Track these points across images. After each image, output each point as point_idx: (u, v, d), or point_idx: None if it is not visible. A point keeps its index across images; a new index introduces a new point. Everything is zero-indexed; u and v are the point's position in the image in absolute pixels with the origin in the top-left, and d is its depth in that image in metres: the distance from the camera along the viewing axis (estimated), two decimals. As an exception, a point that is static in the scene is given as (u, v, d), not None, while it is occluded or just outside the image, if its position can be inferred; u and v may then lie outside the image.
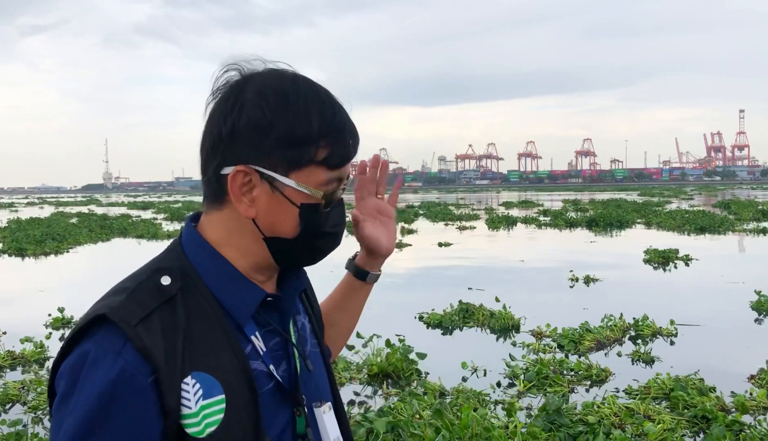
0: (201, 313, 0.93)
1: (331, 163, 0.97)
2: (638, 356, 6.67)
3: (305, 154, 0.95)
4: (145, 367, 0.85)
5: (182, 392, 0.87)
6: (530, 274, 12.52)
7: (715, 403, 5.09)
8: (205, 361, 0.90)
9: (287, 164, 0.95)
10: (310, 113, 0.95)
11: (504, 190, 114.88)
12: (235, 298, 0.97)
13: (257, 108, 0.94)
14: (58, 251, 17.69)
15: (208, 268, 0.97)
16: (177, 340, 0.88)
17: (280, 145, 0.94)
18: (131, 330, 0.85)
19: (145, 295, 0.90)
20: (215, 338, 0.92)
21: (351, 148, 0.99)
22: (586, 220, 23.71)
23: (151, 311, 0.88)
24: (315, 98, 0.97)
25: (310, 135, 0.94)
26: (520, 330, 7.87)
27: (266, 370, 0.97)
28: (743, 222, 22.61)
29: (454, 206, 39.22)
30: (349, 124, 1.00)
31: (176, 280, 0.93)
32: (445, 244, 17.47)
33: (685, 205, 36.21)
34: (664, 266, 12.85)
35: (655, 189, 79.26)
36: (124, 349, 0.85)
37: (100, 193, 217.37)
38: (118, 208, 49.20)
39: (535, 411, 4.99)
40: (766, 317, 8.34)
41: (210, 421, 0.89)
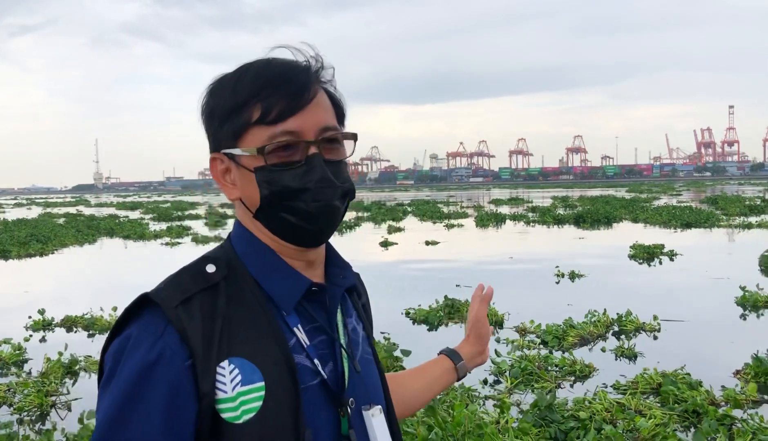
0: (245, 302, 0.94)
1: (267, 118, 0.95)
2: (622, 352, 6.69)
3: (240, 119, 0.96)
4: (183, 351, 0.87)
5: (218, 376, 0.88)
6: (517, 270, 12.54)
7: (705, 398, 5.10)
8: (246, 348, 0.91)
9: (232, 135, 0.97)
10: (240, 82, 0.97)
11: (495, 187, 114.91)
12: (279, 286, 0.98)
13: (204, 102, 1.01)
14: (43, 253, 17.55)
15: (253, 258, 0.99)
16: (215, 324, 0.90)
17: (222, 122, 0.98)
18: (172, 311, 0.88)
19: (188, 279, 0.93)
20: (258, 327, 0.93)
21: (290, 98, 0.95)
22: (573, 217, 23.78)
23: (191, 295, 0.91)
24: (249, 69, 0.98)
25: (240, 101, 0.96)
26: (504, 326, 7.90)
27: (311, 366, 0.96)
28: (730, 217, 22.72)
29: (443, 204, 39.26)
30: (284, 75, 0.97)
31: (221, 269, 0.96)
32: (432, 243, 17.41)
33: (673, 201, 36.37)
34: (649, 262, 12.92)
35: (644, 185, 79.61)
36: (165, 332, 0.88)
37: (90, 193, 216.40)
38: (107, 209, 48.97)
39: (525, 407, 4.99)
40: (751, 312, 8.35)
41: (248, 407, 0.89)
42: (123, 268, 15.13)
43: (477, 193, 77.86)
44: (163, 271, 1.01)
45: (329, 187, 0.97)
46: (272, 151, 0.95)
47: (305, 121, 0.96)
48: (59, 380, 6.18)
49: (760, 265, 11.85)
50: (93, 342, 7.83)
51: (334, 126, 1.01)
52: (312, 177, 0.96)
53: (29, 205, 69.37)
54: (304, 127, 0.96)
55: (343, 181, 1.00)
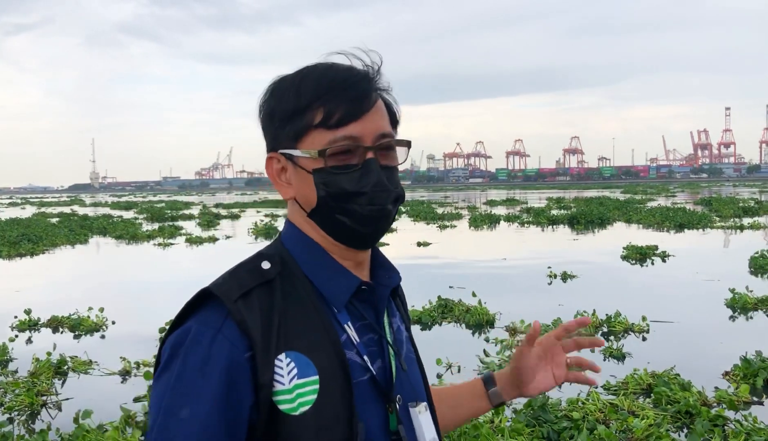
0: (298, 298, 0.98)
1: (330, 122, 0.98)
2: (610, 352, 6.69)
3: (302, 121, 0.99)
4: (242, 343, 0.91)
5: (276, 369, 0.92)
6: (510, 271, 12.54)
7: (697, 398, 5.10)
8: (301, 342, 0.94)
9: (292, 137, 1.00)
10: (302, 86, 0.99)
11: (493, 188, 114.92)
12: (331, 284, 1.01)
13: (265, 102, 1.04)
14: (33, 253, 17.45)
15: (305, 256, 1.03)
16: (273, 318, 0.93)
17: (283, 123, 1.01)
18: (232, 304, 0.92)
19: (245, 275, 0.97)
20: (311, 322, 0.96)
21: (352, 104, 0.99)
22: (567, 218, 23.76)
23: (250, 289, 0.94)
24: (311, 72, 1.01)
25: (302, 103, 0.99)
26: (495, 325, 7.91)
27: (361, 362, 0.99)
28: (724, 219, 22.71)
29: (438, 205, 39.20)
30: (347, 81, 1.00)
31: (275, 266, 0.99)
32: (424, 244, 17.37)
33: (667, 202, 36.37)
34: (642, 263, 12.93)
35: (639, 186, 79.70)
36: (224, 325, 0.91)
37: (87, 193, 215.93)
38: (101, 209, 48.82)
39: (516, 406, 5.03)
40: (740, 314, 8.36)
41: (304, 400, 0.92)
42: (112, 269, 15.07)
43: (474, 193, 77.80)
44: (154, 272, 0.99)
45: (384, 191, 1.00)
46: (332, 154, 0.98)
47: (365, 127, 0.99)
48: (50, 380, 6.16)
49: (750, 266, 11.90)
50: (79, 342, 7.78)
51: (390, 133, 1.04)
52: (368, 181, 0.99)
53: (23, 204, 69.14)
54: (363, 132, 0.99)
55: (396, 186, 1.03)
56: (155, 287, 11.57)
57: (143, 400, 5.51)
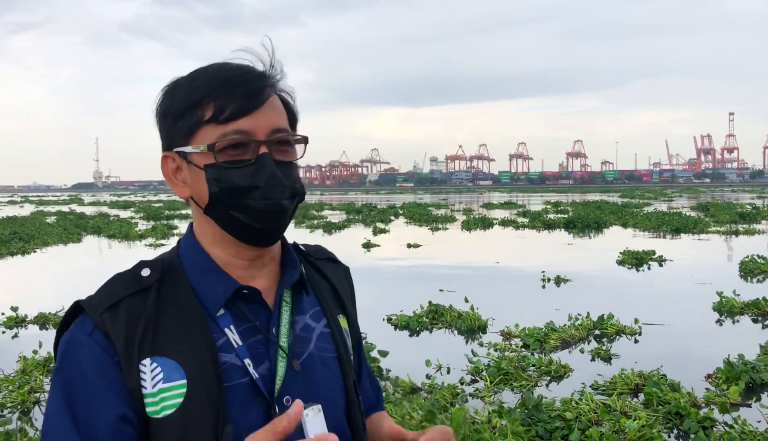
0: (176, 303, 0.99)
1: (220, 117, 0.97)
2: (598, 353, 6.74)
3: (193, 117, 0.99)
4: (110, 348, 0.94)
5: (140, 373, 0.94)
6: (503, 275, 12.50)
7: (687, 400, 5.14)
8: (170, 347, 0.95)
9: (184, 133, 1.00)
10: (194, 83, 1.00)
11: (495, 191, 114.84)
12: (208, 289, 1.01)
13: (160, 103, 1.04)
14: (25, 251, 17.42)
15: (192, 262, 1.04)
16: (139, 325, 0.95)
17: (175, 121, 1.01)
18: (97, 317, 0.95)
19: (119, 285, 0.99)
20: (187, 327, 0.97)
21: (243, 100, 0.98)
22: (563, 222, 23.67)
23: (119, 300, 0.97)
24: (204, 71, 1.01)
25: (194, 100, 0.99)
26: (489, 331, 7.87)
27: (240, 365, 0.98)
28: (719, 224, 22.61)
29: (435, 207, 39.11)
30: (239, 78, 0.99)
31: (155, 272, 1.00)
32: (414, 246, 17.31)
33: (663, 207, 36.26)
34: (637, 267, 12.92)
35: (637, 190, 79.56)
36: (93, 332, 0.95)
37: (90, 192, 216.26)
38: (100, 208, 48.83)
39: (506, 405, 5.07)
40: (727, 318, 8.42)
41: (168, 404, 0.93)
42: (101, 267, 15.03)
43: (475, 196, 77.61)
44: None
45: (278, 185, 0.99)
46: (223, 148, 0.97)
47: (257, 122, 0.99)
48: (44, 377, 6.18)
49: (741, 270, 11.99)
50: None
51: (286, 128, 1.03)
52: (261, 175, 0.98)
53: (22, 202, 69.33)
54: (255, 127, 0.99)
55: (293, 182, 1.02)
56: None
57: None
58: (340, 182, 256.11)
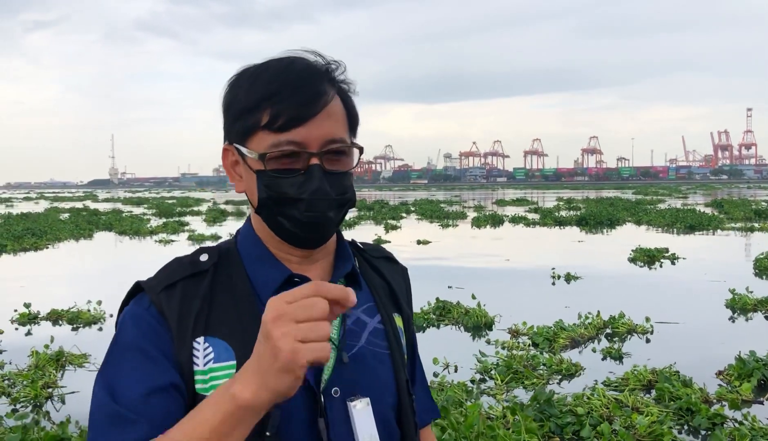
0: (230, 287, 1.02)
1: (275, 125, 0.98)
2: (609, 353, 6.67)
3: (250, 121, 1.00)
4: (164, 323, 0.98)
5: (193, 350, 0.97)
6: (513, 272, 12.41)
7: (699, 396, 5.11)
8: (223, 328, 0.99)
9: (241, 134, 1.02)
10: (256, 84, 1.00)
11: (510, 188, 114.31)
12: (262, 275, 1.04)
13: (224, 94, 1.05)
14: (37, 247, 17.53)
15: (248, 249, 1.07)
16: (193, 305, 0.99)
17: (234, 118, 1.02)
18: (155, 296, 0.99)
19: (177, 268, 1.03)
20: (239, 311, 1.00)
21: (299, 107, 0.98)
22: (575, 219, 23.48)
23: (176, 281, 1.01)
24: (268, 68, 1.01)
25: (252, 103, 0.99)
26: (496, 328, 7.83)
27: None
28: (734, 221, 22.30)
29: (446, 204, 38.98)
30: (300, 81, 0.99)
31: (212, 257, 1.05)
32: (424, 242, 17.26)
33: (678, 203, 35.90)
34: (650, 265, 12.79)
35: (651, 187, 78.79)
36: (150, 307, 0.99)
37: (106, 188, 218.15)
38: (113, 204, 49.22)
39: (510, 403, 5.05)
40: (740, 315, 8.35)
41: (217, 383, 0.96)
42: (112, 264, 15.13)
43: (489, 193, 77.30)
44: (147, 268, 1.15)
45: (324, 199, 1.00)
46: (273, 158, 0.99)
47: (311, 133, 0.98)
48: (56, 372, 6.21)
49: (756, 267, 11.87)
50: (77, 335, 7.79)
51: (341, 138, 1.02)
52: (308, 188, 0.99)
53: (38, 199, 70.01)
54: (309, 138, 0.98)
55: (342, 192, 1.03)
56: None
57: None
58: (354, 179, 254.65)
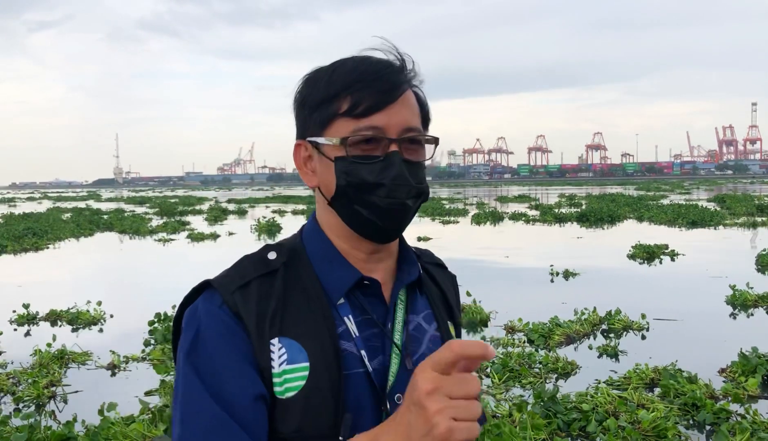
0: (300, 287, 1.00)
1: (356, 111, 0.98)
2: (605, 350, 6.65)
3: (329, 109, 1.00)
4: (241, 325, 0.95)
5: (270, 352, 0.95)
6: (511, 268, 12.39)
7: (704, 391, 5.11)
8: (296, 329, 0.97)
9: (319, 125, 1.01)
10: (333, 76, 1.00)
11: (514, 184, 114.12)
12: (331, 275, 1.02)
13: (299, 91, 1.05)
14: (37, 247, 17.53)
15: (315, 248, 1.05)
16: (269, 306, 0.97)
17: (312, 111, 1.02)
18: (228, 296, 0.97)
19: (249, 266, 1.01)
20: (310, 311, 0.98)
21: (379, 94, 0.99)
22: (575, 216, 23.41)
23: (249, 281, 0.99)
24: (345, 64, 1.02)
25: (332, 92, 0.99)
26: (493, 324, 7.82)
27: (357, 354, 0.99)
28: (737, 216, 22.19)
29: (448, 201, 38.87)
30: (377, 73, 1.00)
31: (281, 256, 1.03)
32: (424, 239, 17.24)
33: (681, 199, 35.70)
34: (649, 261, 12.73)
35: (653, 183, 78.51)
36: (222, 306, 0.96)
37: (110, 187, 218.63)
38: (116, 203, 49.28)
39: (515, 401, 5.05)
40: (741, 311, 8.30)
41: (291, 385, 0.94)
42: (110, 263, 15.13)
43: (492, 190, 77.14)
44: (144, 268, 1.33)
45: (404, 185, 0.99)
46: (355, 143, 0.98)
47: (390, 119, 0.99)
48: (61, 370, 6.19)
49: (758, 263, 11.79)
50: (77, 336, 7.73)
51: (418, 128, 1.03)
52: (388, 173, 0.98)
53: (41, 199, 70.13)
54: (388, 124, 0.99)
55: (419, 182, 1.02)
56: (144, 283, 11.56)
57: (154, 393, 5.48)
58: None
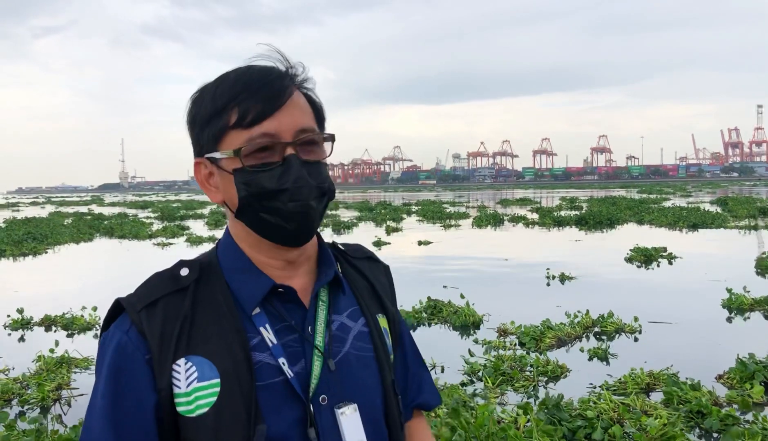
0: (212, 303, 1.01)
1: (245, 121, 0.99)
2: (596, 353, 6.65)
3: (219, 123, 1.01)
4: (144, 346, 0.97)
5: (173, 373, 0.96)
6: (509, 272, 12.41)
7: (708, 398, 5.10)
8: (206, 347, 0.97)
9: (212, 140, 1.02)
10: (218, 90, 1.01)
11: (518, 187, 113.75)
12: (244, 288, 1.03)
13: (188, 111, 1.07)
14: (36, 252, 17.57)
15: (228, 261, 1.06)
16: (176, 325, 0.98)
17: (202, 128, 1.03)
18: (135, 315, 0.98)
19: (158, 284, 1.02)
20: (222, 327, 0.99)
21: (265, 101, 0.99)
22: (575, 219, 23.34)
23: (157, 299, 0.99)
24: (227, 77, 1.02)
25: (219, 106, 1.00)
26: (486, 327, 7.76)
27: (274, 364, 0.99)
28: (738, 219, 22.06)
29: (450, 204, 38.85)
30: (261, 81, 1.00)
31: (194, 272, 1.03)
32: (425, 243, 17.20)
33: (683, 202, 35.53)
34: (647, 264, 12.68)
35: (656, 186, 78.21)
36: (130, 329, 0.98)
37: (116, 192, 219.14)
38: (118, 208, 49.32)
39: (508, 407, 5.11)
40: (737, 315, 8.24)
41: (202, 402, 0.95)
42: (108, 268, 15.14)
43: (494, 193, 77.01)
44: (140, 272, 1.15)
45: (305, 186, 1.00)
46: (249, 153, 0.99)
47: (281, 123, 1.00)
48: (69, 373, 6.20)
49: (757, 267, 11.69)
50: (72, 342, 7.69)
51: (312, 128, 1.03)
52: (288, 177, 0.99)
53: (44, 203, 70.32)
54: (280, 128, 1.00)
55: (321, 182, 1.02)
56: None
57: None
58: (363, 180, 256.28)
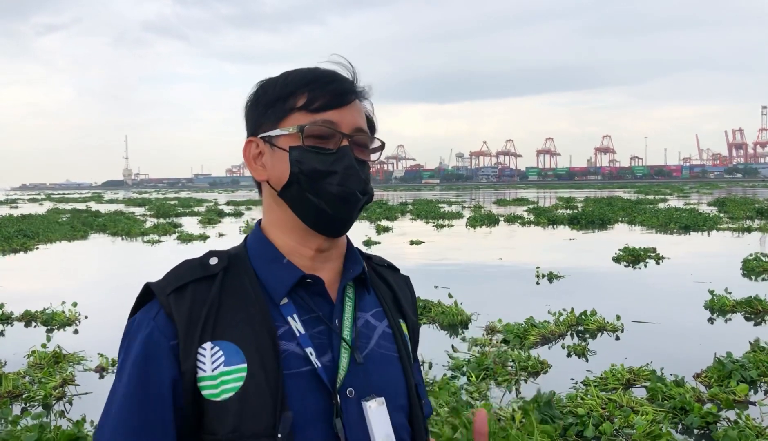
0: (240, 291, 1.02)
1: (312, 106, 1.03)
2: (574, 349, 6.79)
3: (285, 105, 1.04)
4: (170, 331, 0.98)
5: (198, 356, 0.97)
6: (499, 271, 12.48)
7: (692, 395, 5.16)
8: (233, 332, 0.98)
9: (274, 119, 1.05)
10: (289, 78, 1.06)
11: (521, 187, 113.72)
12: (272, 277, 1.04)
13: (253, 93, 1.10)
14: (27, 248, 17.56)
15: (257, 252, 1.08)
16: (203, 310, 0.99)
17: (267, 108, 1.07)
18: (164, 298, 0.99)
19: (186, 270, 1.03)
20: (249, 314, 1.00)
21: (334, 95, 1.04)
22: (568, 219, 23.38)
23: (185, 284, 1.01)
24: (298, 70, 1.08)
25: (288, 90, 1.05)
26: (474, 325, 7.83)
27: (302, 353, 1.00)
28: (734, 221, 21.94)
29: (446, 204, 38.84)
30: (331, 76, 1.06)
31: (222, 261, 1.05)
32: (417, 243, 17.17)
33: (680, 203, 35.42)
34: (634, 264, 12.78)
35: (654, 187, 78.03)
36: (157, 314, 0.99)
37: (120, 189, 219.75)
38: (116, 205, 49.37)
39: (494, 400, 5.19)
40: (718, 316, 8.31)
41: (228, 387, 0.96)
42: (96, 265, 15.16)
43: (494, 193, 76.91)
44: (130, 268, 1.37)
45: (354, 175, 1.03)
46: (310, 135, 1.02)
47: (344, 117, 1.04)
48: (74, 368, 6.21)
49: (743, 269, 11.69)
50: (52, 337, 7.61)
51: (367, 131, 1.09)
52: (341, 164, 1.02)
53: (42, 200, 70.49)
54: (342, 121, 1.04)
55: (367, 180, 1.06)
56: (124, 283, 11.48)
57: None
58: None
